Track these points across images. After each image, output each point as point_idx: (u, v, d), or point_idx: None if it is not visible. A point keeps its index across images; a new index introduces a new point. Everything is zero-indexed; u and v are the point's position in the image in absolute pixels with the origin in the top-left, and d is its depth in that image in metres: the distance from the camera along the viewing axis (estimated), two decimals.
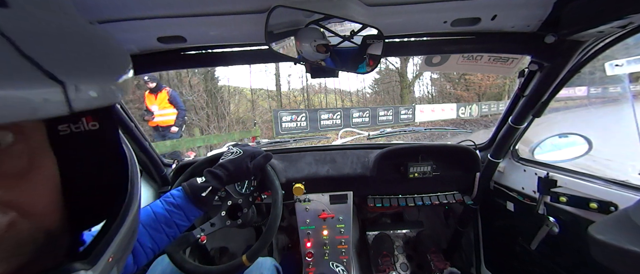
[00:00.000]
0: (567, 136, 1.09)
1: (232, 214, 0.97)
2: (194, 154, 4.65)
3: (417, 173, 1.26)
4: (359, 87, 17.77)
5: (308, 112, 9.76)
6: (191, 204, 0.78)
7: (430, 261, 1.51)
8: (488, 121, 13.76)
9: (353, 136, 1.93)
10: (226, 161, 0.88)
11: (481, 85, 18.18)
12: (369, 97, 18.07)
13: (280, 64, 10.20)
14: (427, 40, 0.84)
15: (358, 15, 0.67)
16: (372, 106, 13.97)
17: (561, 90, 0.90)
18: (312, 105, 15.08)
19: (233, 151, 0.92)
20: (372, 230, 1.78)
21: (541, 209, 0.99)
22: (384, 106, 14.00)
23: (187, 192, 0.79)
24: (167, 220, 0.74)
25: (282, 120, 8.89)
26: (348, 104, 16.73)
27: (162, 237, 0.73)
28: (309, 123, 9.47)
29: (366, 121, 11.40)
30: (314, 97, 15.66)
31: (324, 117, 10.11)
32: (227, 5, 0.64)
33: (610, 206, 0.79)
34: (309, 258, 1.25)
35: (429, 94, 18.89)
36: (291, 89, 14.94)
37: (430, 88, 18.86)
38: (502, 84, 18.69)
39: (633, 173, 1.29)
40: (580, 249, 0.90)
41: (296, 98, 14.83)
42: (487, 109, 15.59)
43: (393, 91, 17.12)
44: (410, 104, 14.26)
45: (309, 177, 1.21)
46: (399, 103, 15.49)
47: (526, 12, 0.70)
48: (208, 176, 0.84)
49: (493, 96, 18.55)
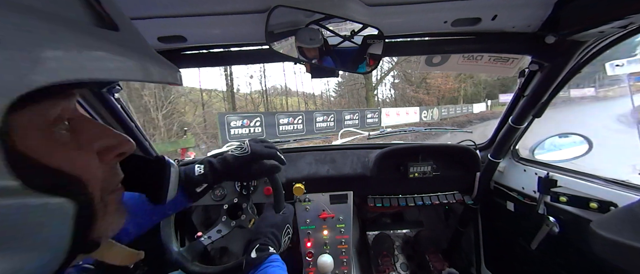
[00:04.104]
0: (568, 135, 1.09)
1: (233, 214, 0.97)
2: (193, 154, 4.64)
3: (417, 173, 1.26)
4: (323, 90, 17.35)
5: (264, 116, 8.61)
6: (183, 194, 0.73)
7: (428, 261, 1.51)
8: (453, 123, 14.27)
9: (353, 136, 1.93)
10: (229, 156, 0.80)
11: (441, 89, 18.60)
12: (334, 100, 17.74)
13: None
14: (427, 40, 0.83)
15: (358, 15, 0.67)
16: (338, 109, 13.41)
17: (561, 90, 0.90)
18: (274, 108, 14.09)
19: (242, 147, 0.83)
20: (372, 230, 1.78)
21: (541, 209, 0.99)
22: (350, 109, 13.61)
23: (182, 183, 0.72)
24: (155, 207, 0.70)
25: (231, 125, 7.72)
26: (312, 107, 16.18)
27: (147, 223, 0.70)
28: (265, 128, 8.42)
29: (331, 125, 10.66)
30: (274, 99, 14.91)
31: (283, 121, 9.08)
32: (227, 5, 0.64)
33: (610, 206, 0.80)
34: (309, 258, 1.25)
35: (391, 97, 19.09)
36: (253, 90, 13.91)
37: (392, 92, 19.12)
38: (458, 89, 19.54)
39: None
40: (581, 249, 0.90)
41: (255, 100, 13.71)
42: (446, 113, 16.47)
43: (358, 94, 16.91)
44: (376, 108, 14.14)
45: (309, 177, 1.21)
46: (364, 106, 15.28)
47: (527, 12, 0.70)
48: (207, 167, 0.76)
49: (450, 100, 19.40)
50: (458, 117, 16.97)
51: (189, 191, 0.74)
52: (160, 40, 0.75)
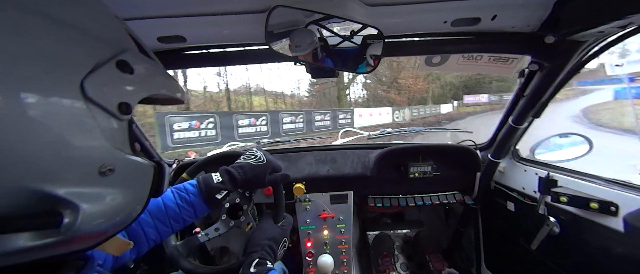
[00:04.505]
0: (568, 135, 1.09)
1: (233, 214, 0.97)
2: (193, 154, 4.64)
3: (417, 173, 1.26)
4: (293, 89, 16.60)
5: (219, 117, 7.54)
6: (203, 202, 0.76)
7: (428, 261, 1.50)
8: (423, 124, 14.40)
9: (353, 136, 1.93)
10: (247, 165, 0.81)
11: (411, 89, 18.83)
12: (307, 100, 17.04)
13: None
14: (427, 40, 0.83)
15: (358, 15, 0.67)
16: (308, 109, 12.19)
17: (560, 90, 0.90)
18: (243, 107, 12.95)
19: (257, 155, 0.85)
20: (372, 230, 1.78)
21: (542, 209, 0.98)
22: (321, 109, 12.54)
23: (202, 190, 0.75)
24: (176, 215, 0.73)
25: (173, 128, 6.62)
26: (282, 106, 15.11)
27: (167, 230, 0.73)
28: (221, 131, 7.43)
29: (300, 126, 9.69)
30: (241, 97, 13.97)
31: (243, 123, 8.06)
32: (227, 5, 0.65)
33: (611, 206, 0.79)
34: (309, 258, 1.25)
35: (364, 98, 18.89)
36: (221, 89, 12.83)
37: (363, 92, 18.93)
38: (427, 89, 19.82)
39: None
40: (581, 249, 0.90)
41: (215, 98, 12.41)
42: (417, 113, 16.79)
43: (330, 94, 16.33)
44: (349, 108, 13.52)
45: (310, 177, 1.21)
46: (336, 106, 14.44)
47: (526, 12, 0.70)
48: (225, 176, 0.78)
49: (420, 101, 19.69)
50: (428, 117, 17.24)
51: (210, 198, 0.76)
52: (160, 41, 0.75)
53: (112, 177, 0.35)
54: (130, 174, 0.38)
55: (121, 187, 0.37)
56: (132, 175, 0.39)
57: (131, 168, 0.38)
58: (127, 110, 0.36)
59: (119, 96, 0.35)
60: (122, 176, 0.37)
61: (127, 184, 0.38)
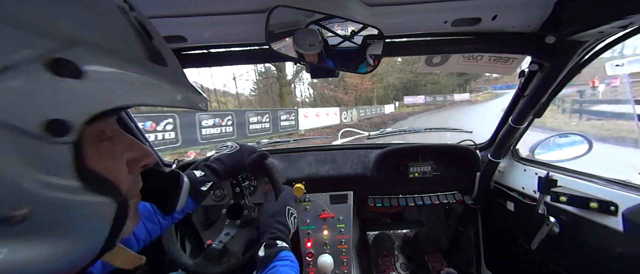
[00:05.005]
0: (568, 135, 1.09)
1: (234, 215, 0.98)
2: (193, 154, 4.64)
3: (417, 173, 1.26)
4: (239, 90, 14.46)
5: (179, 117, 6.70)
6: (188, 196, 0.75)
7: (428, 261, 1.51)
8: (370, 125, 14.18)
9: (353, 136, 1.94)
10: (222, 155, 0.89)
11: (358, 88, 18.94)
12: (252, 99, 15.49)
13: None
14: (427, 40, 0.83)
15: (358, 15, 0.67)
16: (239, 109, 10.42)
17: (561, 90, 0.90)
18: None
19: (229, 145, 0.94)
20: (372, 230, 1.78)
21: (541, 209, 0.99)
22: (256, 109, 10.64)
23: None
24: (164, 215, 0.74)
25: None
26: (215, 106, 13.27)
27: (156, 228, 0.74)
28: (182, 132, 6.70)
29: (228, 130, 7.84)
30: None
31: (207, 123, 7.20)
32: (227, 5, 0.64)
33: (611, 206, 0.79)
34: (309, 258, 1.25)
35: (310, 97, 18.53)
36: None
37: (310, 91, 18.66)
38: (373, 89, 20.12)
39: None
40: (581, 249, 0.90)
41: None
42: (364, 113, 16.69)
43: (272, 91, 14.57)
44: (293, 108, 11.76)
45: (309, 177, 1.21)
46: (279, 106, 12.69)
47: (527, 12, 0.70)
48: (206, 170, 0.84)
49: (366, 101, 19.87)
50: (374, 118, 17.13)
51: (195, 192, 0.78)
52: None
53: (26, 225, 0.24)
54: (61, 217, 0.27)
55: (47, 237, 0.26)
56: (67, 218, 0.27)
57: (61, 210, 0.26)
58: (64, 129, 0.25)
59: (47, 110, 0.24)
60: (47, 222, 0.26)
61: (56, 233, 0.27)
